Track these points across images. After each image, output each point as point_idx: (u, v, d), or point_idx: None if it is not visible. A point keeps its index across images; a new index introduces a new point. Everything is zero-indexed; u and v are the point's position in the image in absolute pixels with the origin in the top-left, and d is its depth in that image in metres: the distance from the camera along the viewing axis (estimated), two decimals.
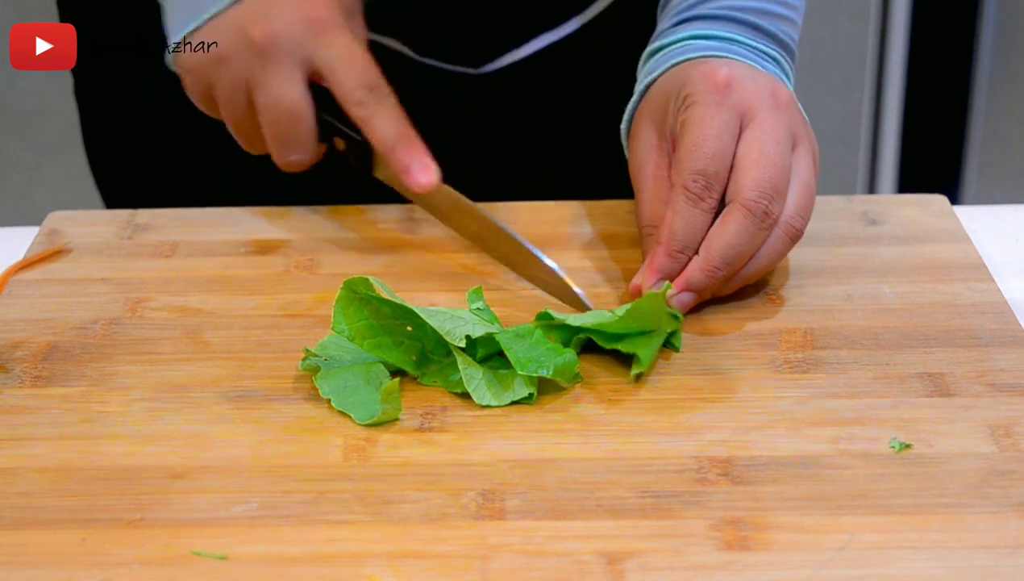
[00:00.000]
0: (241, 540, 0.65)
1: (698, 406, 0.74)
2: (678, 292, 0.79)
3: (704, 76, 0.81)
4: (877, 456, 0.70)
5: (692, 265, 0.79)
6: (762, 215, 0.78)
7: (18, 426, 0.73)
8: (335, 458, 0.71)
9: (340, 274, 0.85)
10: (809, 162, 0.81)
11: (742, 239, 0.78)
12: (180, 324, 0.82)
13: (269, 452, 0.71)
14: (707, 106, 0.80)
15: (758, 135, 0.79)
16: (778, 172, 0.79)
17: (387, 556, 0.64)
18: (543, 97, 1.04)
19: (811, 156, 0.82)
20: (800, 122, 0.82)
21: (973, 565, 0.63)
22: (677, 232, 0.79)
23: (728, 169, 0.79)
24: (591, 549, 0.64)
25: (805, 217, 0.80)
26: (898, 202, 0.94)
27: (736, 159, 0.79)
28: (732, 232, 0.78)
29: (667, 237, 0.79)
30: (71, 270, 0.89)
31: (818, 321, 0.81)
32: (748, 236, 0.78)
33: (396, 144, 0.83)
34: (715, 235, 0.79)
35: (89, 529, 0.66)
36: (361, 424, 0.73)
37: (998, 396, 0.74)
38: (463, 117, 1.04)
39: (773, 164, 0.79)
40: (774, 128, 0.80)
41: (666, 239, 0.79)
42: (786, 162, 0.79)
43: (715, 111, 0.80)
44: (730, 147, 0.79)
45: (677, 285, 0.79)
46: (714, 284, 0.80)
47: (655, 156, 0.84)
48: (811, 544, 0.64)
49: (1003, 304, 0.82)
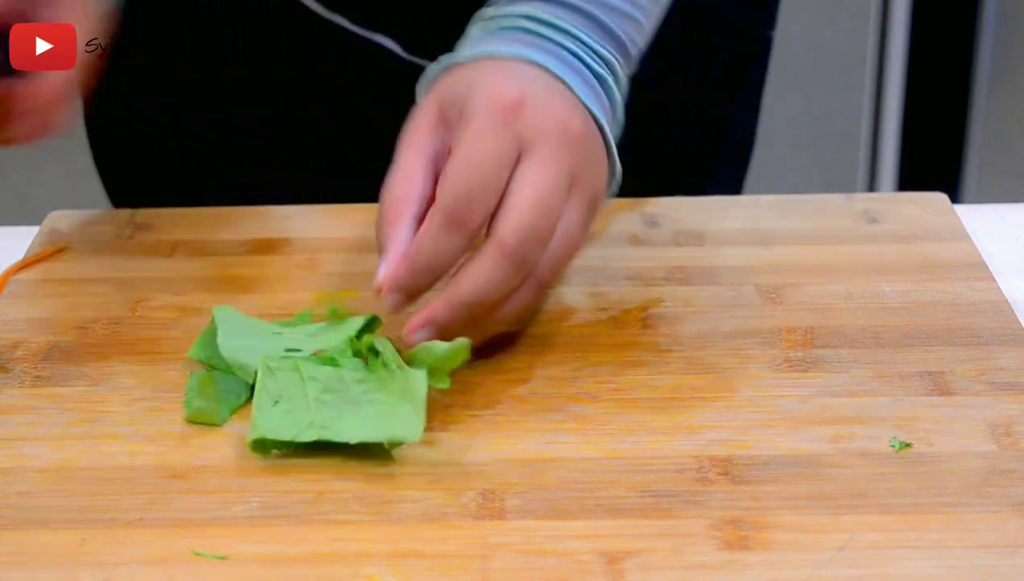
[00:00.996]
0: (241, 540, 0.65)
1: (698, 405, 0.74)
2: (418, 328, 0.73)
3: (493, 94, 0.74)
4: (877, 455, 0.70)
5: (436, 301, 0.73)
6: (520, 262, 0.72)
7: (18, 426, 0.73)
8: (335, 458, 0.70)
9: (340, 274, 0.85)
10: (582, 209, 0.74)
11: (492, 283, 0.72)
12: (180, 324, 0.82)
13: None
14: (486, 127, 0.73)
15: (534, 172, 0.73)
16: (544, 219, 0.72)
17: (387, 556, 0.64)
18: None
19: (586, 202, 0.75)
20: (584, 161, 0.75)
21: (973, 564, 0.63)
22: (424, 251, 0.72)
23: (495, 198, 0.72)
24: (591, 549, 0.64)
25: (557, 271, 0.75)
26: (898, 200, 0.94)
27: (506, 194, 0.72)
28: (484, 273, 0.72)
29: (414, 252, 0.73)
30: (71, 270, 0.89)
31: (818, 320, 0.81)
32: (500, 281, 0.72)
33: None
34: (466, 273, 0.73)
35: (89, 529, 0.66)
36: None
37: (998, 395, 0.74)
38: None
39: (542, 209, 0.72)
40: (554, 166, 0.73)
41: (412, 254, 0.73)
42: (556, 208, 0.73)
43: (494, 134, 0.73)
44: (502, 176, 0.72)
45: (417, 320, 0.73)
46: (456, 323, 0.73)
47: (424, 134, 0.76)
48: (811, 543, 0.64)
49: (1003, 303, 0.82)
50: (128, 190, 1.10)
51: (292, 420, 0.70)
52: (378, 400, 0.71)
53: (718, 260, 0.88)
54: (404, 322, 0.78)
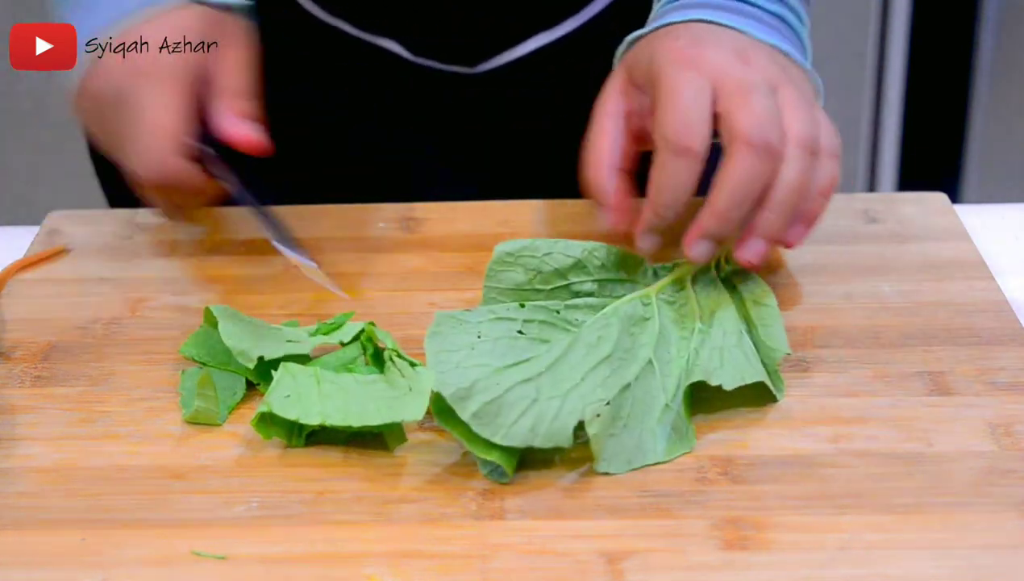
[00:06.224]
0: (241, 540, 0.65)
1: (698, 405, 0.73)
2: (694, 242, 0.77)
3: (672, 51, 0.80)
4: (877, 455, 0.70)
5: (703, 214, 0.77)
6: (763, 146, 0.76)
7: (18, 426, 0.73)
8: (335, 458, 0.71)
9: (340, 274, 0.85)
10: (795, 95, 0.79)
11: (748, 176, 0.76)
12: (180, 324, 0.82)
13: (269, 452, 0.71)
14: (677, 72, 0.78)
15: (735, 89, 0.77)
16: (767, 111, 0.77)
17: (387, 556, 0.64)
18: (540, 96, 1.04)
19: (795, 89, 0.79)
20: (775, 70, 0.79)
21: (973, 564, 0.63)
22: (662, 187, 0.77)
23: (707, 119, 0.77)
24: (591, 549, 0.64)
25: (813, 128, 0.78)
26: (898, 200, 0.94)
27: (721, 115, 0.77)
28: (736, 171, 0.76)
29: (653, 192, 0.77)
30: (71, 270, 0.89)
31: (818, 320, 0.81)
32: (754, 172, 0.76)
33: None
34: (720, 179, 0.76)
35: (89, 529, 0.66)
36: (184, 420, 0.73)
37: (998, 395, 0.74)
38: (459, 117, 1.03)
39: (760, 106, 0.77)
40: (749, 78, 0.78)
41: (652, 194, 0.78)
42: (771, 103, 0.77)
43: (686, 75, 0.78)
44: (706, 101, 0.77)
45: (690, 236, 0.77)
46: (728, 228, 0.77)
47: (616, 96, 0.83)
48: (811, 543, 0.64)
49: (1003, 302, 0.82)
50: (126, 192, 1.10)
51: (300, 407, 0.70)
52: (386, 395, 0.71)
53: None
54: (401, 322, 0.78)
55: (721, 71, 0.78)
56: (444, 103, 1.02)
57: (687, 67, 0.78)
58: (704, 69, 0.78)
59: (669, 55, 0.79)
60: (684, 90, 0.77)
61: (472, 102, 1.03)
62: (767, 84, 0.78)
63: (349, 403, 0.71)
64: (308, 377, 0.72)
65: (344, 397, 0.71)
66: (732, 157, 0.76)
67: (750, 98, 0.77)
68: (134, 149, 0.82)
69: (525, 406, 0.68)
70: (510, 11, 1.00)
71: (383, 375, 0.73)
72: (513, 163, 1.06)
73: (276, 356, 0.74)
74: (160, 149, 0.81)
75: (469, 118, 1.04)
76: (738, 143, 0.76)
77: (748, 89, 0.77)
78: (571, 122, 1.06)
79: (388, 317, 0.81)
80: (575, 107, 1.05)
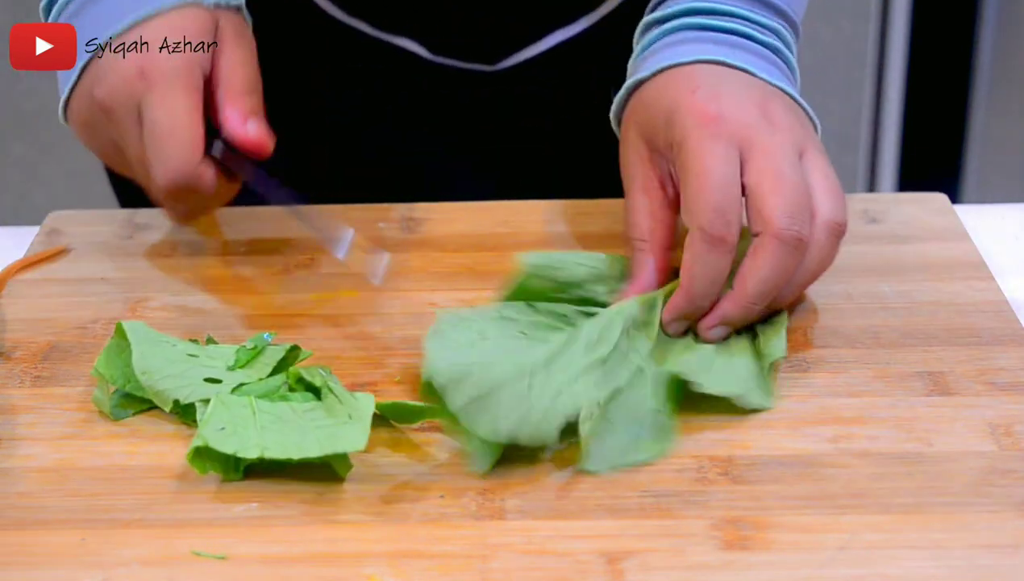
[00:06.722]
0: (241, 540, 0.65)
1: (698, 405, 0.73)
2: (712, 327, 0.77)
3: (692, 113, 0.78)
4: (877, 455, 0.70)
5: (725, 301, 0.76)
6: (795, 242, 0.75)
7: (18, 426, 0.73)
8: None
9: (340, 274, 0.85)
10: (822, 162, 0.78)
11: (776, 270, 0.75)
12: (180, 324, 0.82)
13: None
14: (702, 145, 0.77)
15: (764, 161, 0.76)
16: (798, 193, 0.76)
17: (387, 556, 0.64)
18: (558, 93, 1.04)
19: (821, 155, 0.79)
20: (799, 128, 0.79)
21: (974, 564, 0.63)
22: (697, 277, 0.76)
23: (739, 201, 0.76)
24: (591, 549, 0.64)
25: (843, 211, 0.78)
26: (898, 200, 0.94)
27: (749, 189, 0.76)
28: (767, 266, 0.75)
29: (687, 282, 0.76)
30: (71, 270, 0.89)
31: (818, 320, 0.81)
32: (782, 266, 0.75)
33: None
34: (749, 271, 0.76)
35: (89, 529, 0.66)
36: None
37: (998, 395, 0.74)
38: (477, 114, 1.03)
39: (791, 186, 0.76)
40: (779, 149, 0.77)
41: (686, 283, 0.76)
42: (801, 179, 0.77)
43: (712, 148, 0.76)
44: (736, 177, 0.76)
45: (710, 320, 0.77)
46: (751, 317, 0.77)
47: (644, 168, 0.81)
48: (811, 543, 0.64)
49: (1003, 303, 0.82)
50: (135, 190, 1.10)
51: (237, 439, 0.68)
52: (325, 424, 0.70)
53: None
54: (401, 322, 0.79)
55: (747, 137, 0.77)
56: (459, 103, 1.02)
57: (712, 133, 0.77)
58: (729, 133, 0.77)
59: (690, 117, 0.78)
60: (714, 169, 0.76)
61: (486, 101, 1.02)
62: (794, 149, 0.77)
63: (287, 434, 0.69)
64: (243, 407, 0.70)
65: (282, 428, 0.69)
66: (763, 250, 0.75)
67: (781, 178, 0.76)
68: (155, 157, 0.80)
69: (514, 402, 0.68)
70: (529, 8, 1.00)
71: (321, 402, 0.72)
72: (526, 162, 1.06)
73: (192, 400, 0.72)
74: (181, 155, 0.80)
75: (483, 118, 1.03)
76: (769, 236, 0.75)
77: (778, 162, 0.76)
78: (590, 119, 1.06)
79: (388, 317, 0.81)
80: (587, 106, 1.05)
